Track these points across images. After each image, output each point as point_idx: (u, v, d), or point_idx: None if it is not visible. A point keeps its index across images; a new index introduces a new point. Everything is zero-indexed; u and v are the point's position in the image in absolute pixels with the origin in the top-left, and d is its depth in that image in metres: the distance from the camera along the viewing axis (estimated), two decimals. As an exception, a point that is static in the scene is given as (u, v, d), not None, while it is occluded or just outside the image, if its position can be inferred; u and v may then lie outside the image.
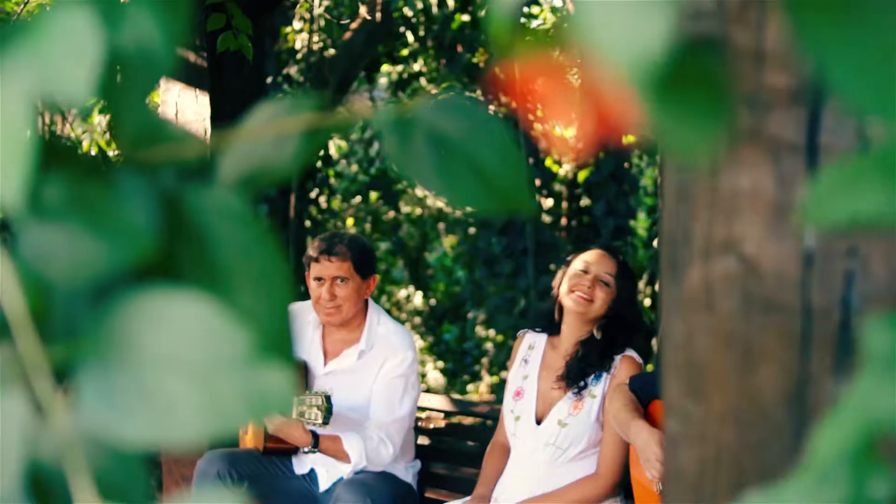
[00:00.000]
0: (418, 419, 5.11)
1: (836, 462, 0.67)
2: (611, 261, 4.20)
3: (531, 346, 4.44)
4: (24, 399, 0.61)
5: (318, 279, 4.56)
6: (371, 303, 4.75)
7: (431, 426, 5.28)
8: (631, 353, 4.19)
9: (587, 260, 4.18)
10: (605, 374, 4.16)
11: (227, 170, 0.74)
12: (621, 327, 4.20)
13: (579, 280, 4.15)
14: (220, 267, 0.69)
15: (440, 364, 14.10)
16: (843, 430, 0.65)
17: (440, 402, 5.43)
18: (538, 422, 4.22)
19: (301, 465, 4.79)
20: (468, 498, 4.34)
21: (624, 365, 4.16)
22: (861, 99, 0.59)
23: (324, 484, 4.73)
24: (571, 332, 4.25)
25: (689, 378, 1.05)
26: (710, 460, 1.04)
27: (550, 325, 4.37)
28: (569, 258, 4.34)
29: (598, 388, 4.15)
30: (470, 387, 13.33)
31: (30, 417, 0.61)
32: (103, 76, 0.64)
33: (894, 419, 0.64)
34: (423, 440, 5.24)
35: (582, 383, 4.16)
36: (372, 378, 4.60)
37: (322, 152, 11.75)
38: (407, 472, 4.79)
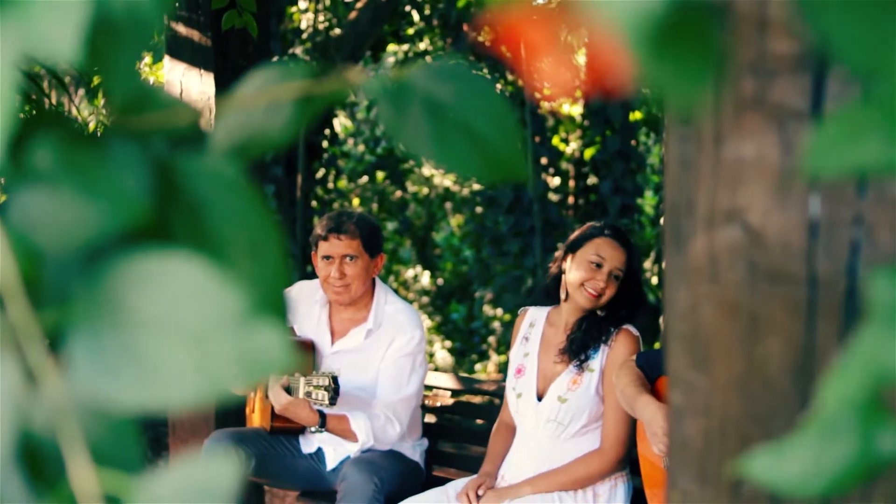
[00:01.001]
0: (425, 397, 5.10)
1: (843, 416, 0.66)
2: (622, 252, 4.17)
3: (532, 324, 4.45)
4: (16, 366, 0.60)
5: (327, 257, 4.55)
6: (378, 282, 4.74)
7: (439, 404, 5.27)
8: (628, 326, 4.18)
9: (601, 254, 4.14)
10: (602, 347, 4.16)
11: (219, 137, 0.73)
12: (624, 304, 4.19)
13: (593, 275, 4.12)
14: (213, 234, 0.68)
15: (448, 343, 14.11)
16: (849, 383, 0.65)
17: (447, 380, 5.42)
18: (539, 398, 4.23)
19: (308, 444, 4.79)
20: (475, 476, 4.34)
21: (620, 338, 4.15)
22: (862, 65, 0.58)
23: (331, 463, 4.73)
24: (573, 311, 4.24)
25: (694, 349, 1.04)
26: (715, 432, 1.03)
27: (551, 298, 4.37)
28: (574, 237, 4.30)
29: (595, 363, 4.16)
30: (478, 366, 13.34)
31: (22, 385, 0.60)
32: (93, 40, 0.63)
33: None
34: (431, 418, 5.24)
35: (583, 356, 4.15)
36: (379, 357, 4.59)
37: (328, 132, 11.75)
38: (414, 450, 4.79)
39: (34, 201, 0.63)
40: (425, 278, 15.46)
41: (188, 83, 5.11)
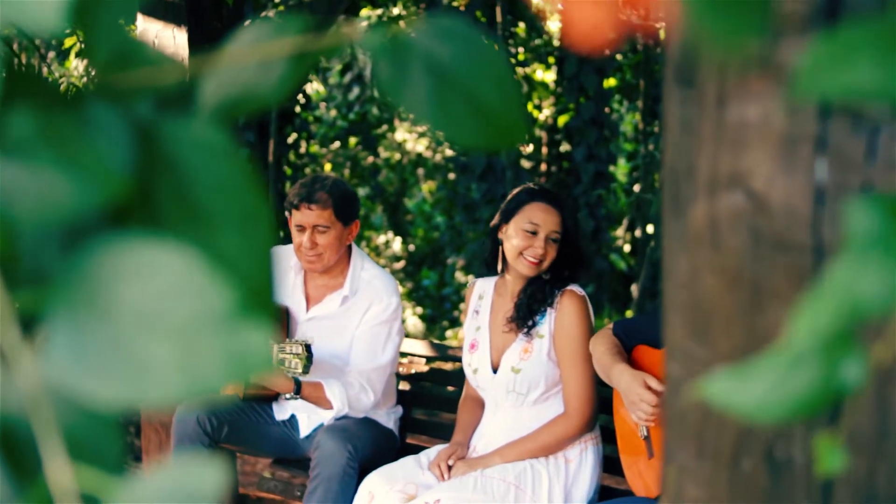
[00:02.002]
0: (400, 364, 5.09)
1: (812, 345, 0.64)
2: (556, 214, 4.14)
3: (481, 296, 4.45)
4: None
5: (299, 227, 4.50)
6: (355, 248, 4.70)
7: (413, 371, 5.25)
8: (573, 287, 4.16)
9: (535, 220, 4.11)
10: (549, 311, 4.15)
11: (208, 96, 0.69)
12: (565, 265, 4.17)
13: (530, 243, 4.09)
14: (199, 205, 0.64)
15: (419, 310, 14.13)
16: (822, 314, 0.62)
17: (422, 347, 5.40)
18: (495, 371, 4.22)
19: (281, 411, 4.77)
20: (447, 445, 4.33)
21: (566, 300, 4.13)
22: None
23: (304, 430, 4.71)
24: (516, 279, 4.23)
25: (693, 318, 1.01)
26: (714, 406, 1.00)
27: (492, 269, 4.36)
28: (505, 205, 4.26)
29: (544, 328, 4.15)
30: (449, 332, 13.37)
31: (-5, 366, 0.56)
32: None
33: (874, 301, 0.60)
34: (405, 386, 5.22)
35: (531, 322, 4.14)
36: (355, 324, 4.57)
37: (301, 97, 11.69)
38: (388, 417, 4.77)
39: (9, 172, 0.58)
40: (397, 244, 15.47)
41: (162, 44, 5.05)
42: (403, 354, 5.20)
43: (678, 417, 1.05)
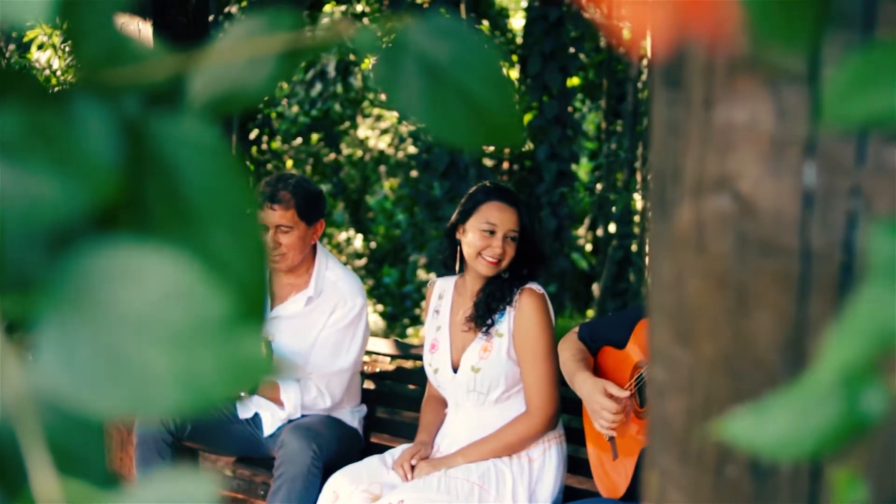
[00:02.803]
0: (364, 363, 5.07)
1: (829, 376, 0.62)
2: (513, 212, 4.13)
3: (441, 296, 4.44)
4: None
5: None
6: (320, 247, 4.68)
7: (378, 370, 5.23)
8: (532, 285, 4.15)
9: (492, 220, 4.10)
10: (508, 309, 4.14)
11: (197, 92, 0.67)
12: (524, 263, 4.17)
13: (488, 242, 4.09)
14: (190, 204, 0.62)
15: (380, 307, 14.12)
16: (850, 346, 0.60)
17: (385, 346, 5.39)
18: (455, 370, 4.21)
19: (245, 409, 4.75)
20: (411, 445, 4.32)
21: (525, 298, 4.12)
22: None
23: (268, 428, 4.69)
24: (475, 278, 4.22)
25: (678, 322, 1.00)
26: (698, 410, 0.99)
27: (451, 269, 4.35)
28: (462, 206, 4.26)
29: (503, 326, 4.14)
30: (410, 330, 13.36)
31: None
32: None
33: None
34: (369, 385, 5.21)
35: (490, 321, 4.13)
36: (320, 326, 4.56)
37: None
38: (353, 416, 4.76)
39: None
40: (358, 241, 15.45)
41: (125, 38, 5.00)
42: (367, 353, 5.18)
43: (661, 422, 1.04)
